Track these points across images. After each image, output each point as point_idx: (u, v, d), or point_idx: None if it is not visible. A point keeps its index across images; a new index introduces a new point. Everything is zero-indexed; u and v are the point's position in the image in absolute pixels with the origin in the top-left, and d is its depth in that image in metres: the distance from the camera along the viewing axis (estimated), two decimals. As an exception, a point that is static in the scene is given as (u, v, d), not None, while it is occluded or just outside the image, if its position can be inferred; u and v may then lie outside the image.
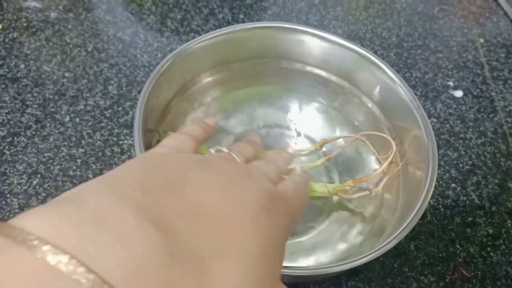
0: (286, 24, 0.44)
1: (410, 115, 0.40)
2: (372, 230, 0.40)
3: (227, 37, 0.43)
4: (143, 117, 0.35)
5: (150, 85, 0.37)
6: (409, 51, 0.60)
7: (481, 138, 0.52)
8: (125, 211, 0.15)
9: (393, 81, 0.41)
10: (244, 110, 0.47)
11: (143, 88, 0.37)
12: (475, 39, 0.63)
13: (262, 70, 0.47)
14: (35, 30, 0.56)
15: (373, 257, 0.31)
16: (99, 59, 0.54)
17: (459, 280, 0.42)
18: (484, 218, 0.46)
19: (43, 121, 0.48)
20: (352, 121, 0.46)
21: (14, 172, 0.44)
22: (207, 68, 0.45)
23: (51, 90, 0.51)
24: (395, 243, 0.32)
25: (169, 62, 0.39)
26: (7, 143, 0.46)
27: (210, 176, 0.20)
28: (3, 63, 0.53)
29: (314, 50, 0.45)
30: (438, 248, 0.44)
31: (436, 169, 0.36)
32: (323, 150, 0.45)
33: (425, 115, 0.39)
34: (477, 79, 0.58)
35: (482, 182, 0.49)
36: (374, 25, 0.63)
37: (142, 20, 0.59)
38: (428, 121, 0.39)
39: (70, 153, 0.46)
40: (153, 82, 0.38)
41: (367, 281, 0.41)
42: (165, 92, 0.41)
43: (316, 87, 0.47)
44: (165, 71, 0.39)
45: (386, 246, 0.32)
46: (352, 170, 0.44)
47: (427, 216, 0.46)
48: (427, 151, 0.37)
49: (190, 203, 0.18)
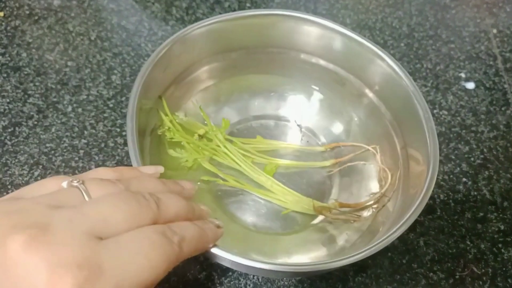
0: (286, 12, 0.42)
1: (411, 106, 0.38)
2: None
3: (226, 24, 0.41)
4: (137, 106, 0.34)
5: (145, 73, 0.36)
6: (420, 42, 0.59)
7: (493, 131, 0.51)
8: None
9: (394, 71, 0.39)
10: (240, 100, 0.46)
11: (138, 75, 0.36)
12: (488, 29, 0.61)
13: (262, 59, 0.46)
14: (37, 18, 0.55)
15: (369, 254, 0.30)
16: (102, 48, 0.53)
17: (469, 277, 0.41)
18: (496, 214, 0.45)
19: (45, 111, 0.47)
20: (350, 113, 0.45)
21: (15, 163, 0.44)
22: (205, 56, 0.43)
23: (54, 80, 0.50)
24: (396, 236, 0.31)
25: (166, 48, 0.38)
26: (9, 133, 0.45)
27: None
28: (5, 52, 0.52)
29: (315, 39, 0.43)
30: (448, 244, 0.43)
31: (437, 160, 0.34)
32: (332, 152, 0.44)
33: (427, 105, 0.37)
34: (489, 71, 0.57)
35: (494, 177, 0.47)
36: (384, 15, 0.61)
37: (147, 8, 0.58)
38: (429, 112, 0.37)
39: (72, 144, 0.45)
40: (148, 69, 0.37)
41: (374, 277, 0.40)
42: (160, 80, 0.40)
43: (317, 77, 0.46)
44: (162, 57, 0.38)
45: (389, 238, 0.30)
46: (352, 181, 0.42)
47: (437, 211, 0.45)
48: (427, 143, 0.36)
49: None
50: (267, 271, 0.31)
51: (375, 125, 0.43)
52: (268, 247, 0.39)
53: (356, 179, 0.42)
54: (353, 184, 0.42)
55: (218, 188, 0.41)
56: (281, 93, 0.47)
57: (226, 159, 0.41)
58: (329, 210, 0.39)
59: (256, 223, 0.40)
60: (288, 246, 0.39)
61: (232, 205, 0.41)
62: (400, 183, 0.39)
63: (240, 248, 0.38)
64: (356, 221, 0.39)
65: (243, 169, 0.41)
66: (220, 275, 0.38)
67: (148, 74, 0.37)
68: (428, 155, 0.35)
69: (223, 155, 0.41)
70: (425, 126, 0.36)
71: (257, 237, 0.39)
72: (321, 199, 0.41)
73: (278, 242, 0.39)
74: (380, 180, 0.41)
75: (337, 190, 0.42)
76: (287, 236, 0.39)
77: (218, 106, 0.45)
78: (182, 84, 0.43)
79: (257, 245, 0.39)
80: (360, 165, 0.42)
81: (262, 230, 0.40)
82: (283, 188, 0.40)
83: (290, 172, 0.43)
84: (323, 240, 0.39)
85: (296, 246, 0.39)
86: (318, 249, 0.39)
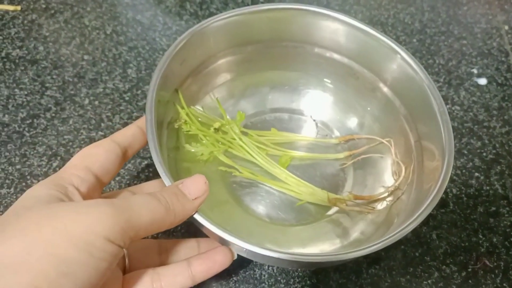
0: (302, 6, 0.42)
1: (426, 100, 0.38)
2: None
3: (243, 17, 0.41)
4: (155, 99, 0.35)
5: (163, 65, 0.37)
6: (432, 38, 0.59)
7: (505, 126, 0.51)
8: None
9: (409, 65, 0.40)
10: (256, 93, 0.47)
11: (156, 67, 0.36)
12: (500, 26, 0.61)
13: (277, 53, 0.46)
14: (53, 12, 0.56)
15: (382, 246, 0.30)
16: (118, 42, 0.54)
17: (481, 270, 0.41)
18: (508, 208, 0.45)
19: (63, 104, 0.48)
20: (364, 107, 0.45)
21: (34, 154, 0.44)
22: (222, 49, 0.44)
23: (70, 73, 0.50)
24: (410, 229, 0.31)
25: (184, 40, 0.38)
26: (27, 125, 0.46)
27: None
28: (22, 45, 0.52)
29: (330, 33, 0.43)
30: (461, 237, 0.43)
31: (452, 154, 0.34)
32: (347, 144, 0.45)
33: (442, 100, 0.37)
34: (501, 67, 0.57)
35: (506, 172, 0.48)
36: (397, 10, 0.61)
37: (161, 3, 0.59)
38: (445, 107, 0.37)
39: (89, 136, 0.46)
40: (167, 62, 0.37)
41: (388, 270, 0.41)
42: (177, 73, 0.41)
43: (331, 71, 0.46)
44: (179, 50, 0.38)
45: (403, 231, 0.31)
46: (366, 174, 0.43)
47: (450, 205, 0.45)
48: (442, 138, 0.36)
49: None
50: (283, 261, 0.31)
51: (389, 119, 0.43)
52: (282, 238, 0.39)
53: (370, 171, 0.42)
54: (367, 177, 0.42)
55: (233, 180, 0.42)
56: (295, 87, 0.47)
57: (241, 151, 0.42)
58: (343, 202, 0.39)
59: (270, 214, 0.40)
60: (302, 237, 0.39)
61: (247, 197, 0.41)
62: (414, 176, 0.39)
63: (255, 239, 0.38)
64: (370, 213, 0.39)
65: (258, 161, 0.41)
66: (235, 265, 0.39)
67: (166, 67, 0.37)
68: (443, 149, 0.35)
69: (238, 147, 0.42)
70: (440, 120, 0.37)
71: (272, 228, 0.40)
72: (335, 192, 0.41)
73: (292, 233, 0.40)
74: (394, 173, 0.41)
75: (351, 182, 0.42)
76: (301, 227, 0.40)
77: (234, 99, 0.46)
78: (199, 77, 0.43)
79: (271, 236, 0.39)
80: (374, 158, 0.43)
81: (277, 222, 0.40)
82: (297, 180, 0.41)
83: (304, 164, 0.43)
84: (337, 232, 0.39)
85: (310, 237, 0.39)
86: (332, 240, 0.39)
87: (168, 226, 0.29)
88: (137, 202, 0.27)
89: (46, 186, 0.28)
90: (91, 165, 0.31)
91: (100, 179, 0.32)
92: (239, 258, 0.35)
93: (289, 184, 0.41)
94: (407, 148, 0.41)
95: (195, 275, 0.33)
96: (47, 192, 0.27)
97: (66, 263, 0.23)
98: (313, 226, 0.40)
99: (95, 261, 0.24)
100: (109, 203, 0.25)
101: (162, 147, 0.38)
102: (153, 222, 0.27)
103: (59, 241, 0.23)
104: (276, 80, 0.47)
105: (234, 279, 0.40)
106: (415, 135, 0.41)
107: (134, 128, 0.35)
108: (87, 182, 0.30)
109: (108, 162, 0.32)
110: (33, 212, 0.25)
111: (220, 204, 0.40)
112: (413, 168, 0.40)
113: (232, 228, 0.38)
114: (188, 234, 0.41)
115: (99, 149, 0.32)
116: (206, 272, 0.34)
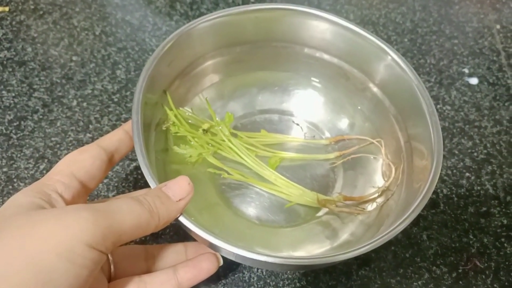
0: (291, 6, 0.42)
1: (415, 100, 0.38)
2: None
3: (231, 18, 0.41)
4: (142, 100, 0.34)
5: (150, 67, 0.36)
6: (423, 37, 0.59)
7: (496, 126, 0.51)
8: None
9: (399, 65, 0.39)
10: (245, 94, 0.46)
11: (143, 69, 0.36)
12: (492, 25, 0.61)
13: (267, 54, 0.46)
14: (42, 13, 0.55)
15: (372, 247, 0.30)
16: (107, 42, 0.53)
17: (472, 271, 0.41)
18: (499, 208, 0.45)
19: (50, 105, 0.48)
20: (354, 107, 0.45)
21: (21, 157, 0.44)
22: (210, 50, 0.43)
23: (59, 74, 0.50)
24: (400, 230, 0.31)
25: (172, 41, 0.38)
26: (14, 127, 0.46)
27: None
28: (10, 46, 0.52)
29: (320, 33, 0.43)
30: (451, 238, 0.43)
31: (441, 154, 0.34)
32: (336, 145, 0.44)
33: (431, 100, 0.37)
34: (493, 66, 0.57)
35: (497, 172, 0.48)
36: (388, 10, 0.61)
37: (151, 3, 0.58)
38: (434, 107, 0.37)
39: (77, 138, 0.46)
40: (154, 63, 0.37)
41: (378, 271, 0.41)
42: (165, 74, 0.40)
43: (321, 71, 0.46)
44: (167, 51, 0.38)
45: (393, 232, 0.30)
46: (356, 175, 0.42)
47: (440, 206, 0.45)
48: (431, 138, 0.36)
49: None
50: (271, 264, 0.31)
51: (379, 119, 0.43)
52: (272, 240, 0.39)
53: (360, 172, 0.42)
54: (357, 178, 0.42)
55: (222, 182, 0.41)
56: (285, 87, 0.47)
57: (230, 153, 0.41)
58: (333, 203, 0.39)
59: (260, 216, 0.40)
60: (292, 239, 0.39)
61: (236, 198, 0.41)
62: (404, 177, 0.39)
63: (244, 242, 0.38)
64: (360, 214, 0.39)
65: (247, 163, 0.41)
66: (224, 268, 0.38)
67: (153, 68, 0.37)
68: (432, 150, 0.35)
69: (228, 149, 0.41)
70: (429, 120, 0.36)
71: (261, 230, 0.39)
72: (325, 193, 0.41)
73: (282, 235, 0.39)
74: (384, 174, 0.41)
75: (341, 183, 0.42)
76: (291, 229, 0.40)
77: (223, 101, 0.45)
78: (187, 78, 0.43)
79: (261, 238, 0.39)
80: (364, 159, 0.42)
81: (266, 223, 0.40)
82: (287, 182, 0.41)
83: (294, 165, 0.43)
84: (327, 233, 0.39)
85: (300, 239, 0.39)
86: (321, 242, 0.39)
87: (153, 230, 0.28)
88: (119, 206, 0.26)
89: (28, 193, 0.28)
90: (76, 171, 0.31)
91: (85, 185, 0.32)
92: (228, 260, 0.35)
93: (279, 185, 0.41)
94: (397, 148, 0.41)
95: (182, 283, 0.33)
96: (29, 199, 0.27)
97: (46, 272, 0.22)
98: (303, 228, 0.40)
99: (76, 268, 0.23)
100: (89, 208, 0.25)
101: (150, 149, 0.37)
102: (136, 226, 0.27)
103: (38, 249, 0.22)
104: (265, 81, 0.47)
105: (223, 282, 0.39)
106: (405, 135, 0.40)
107: (120, 133, 0.35)
108: (72, 189, 0.30)
109: (93, 168, 0.32)
110: (12, 221, 0.24)
111: (209, 206, 0.40)
112: (402, 168, 0.39)
113: (221, 231, 0.38)
114: (177, 237, 0.41)
115: (85, 155, 0.32)
116: (193, 279, 0.34)
